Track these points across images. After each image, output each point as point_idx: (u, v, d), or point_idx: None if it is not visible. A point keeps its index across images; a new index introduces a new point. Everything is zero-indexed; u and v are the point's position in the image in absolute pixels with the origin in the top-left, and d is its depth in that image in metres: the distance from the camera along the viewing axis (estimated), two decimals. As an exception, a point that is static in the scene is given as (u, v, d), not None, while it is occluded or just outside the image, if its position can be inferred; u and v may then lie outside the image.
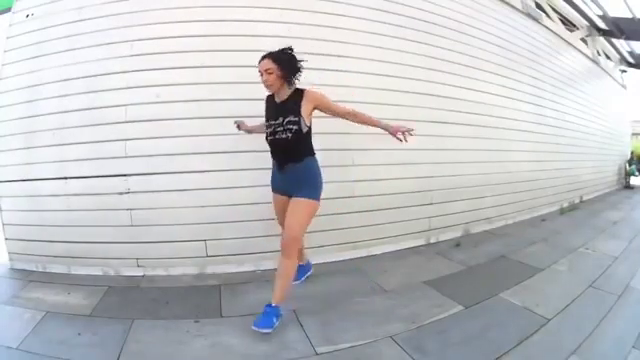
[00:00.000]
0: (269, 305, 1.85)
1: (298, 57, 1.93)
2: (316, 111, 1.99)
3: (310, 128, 1.96)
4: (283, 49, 1.94)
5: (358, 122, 2.05)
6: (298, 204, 1.91)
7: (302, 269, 2.39)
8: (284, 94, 1.95)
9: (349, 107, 2.04)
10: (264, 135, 2.06)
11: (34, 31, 2.82)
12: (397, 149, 3.21)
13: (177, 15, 2.66)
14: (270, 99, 2.04)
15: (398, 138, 2.00)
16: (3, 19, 3.08)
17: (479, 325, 1.90)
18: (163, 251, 2.64)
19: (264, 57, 1.92)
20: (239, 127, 2.40)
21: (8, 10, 2.99)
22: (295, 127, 1.89)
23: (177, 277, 2.58)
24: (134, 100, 2.62)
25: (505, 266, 2.84)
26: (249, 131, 2.40)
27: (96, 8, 2.71)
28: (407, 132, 2.00)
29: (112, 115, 2.62)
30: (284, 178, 2.01)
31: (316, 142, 2.96)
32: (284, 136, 1.91)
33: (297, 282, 2.28)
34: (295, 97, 1.93)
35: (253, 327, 1.79)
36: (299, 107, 1.90)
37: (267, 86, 1.94)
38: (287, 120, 1.90)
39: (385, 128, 2.02)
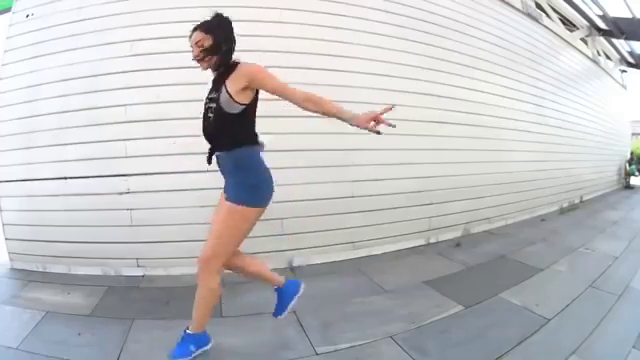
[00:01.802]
0: (185, 331, 1.61)
1: (233, 24, 1.60)
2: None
3: (246, 110, 1.52)
4: (214, 16, 1.61)
5: (320, 112, 1.53)
6: (224, 210, 1.54)
7: (283, 294, 1.79)
8: (217, 68, 1.60)
9: (303, 91, 1.52)
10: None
11: (34, 31, 2.82)
12: (397, 149, 3.26)
13: (177, 15, 2.66)
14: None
15: (373, 131, 1.55)
16: (3, 19, 3.09)
17: (479, 325, 1.89)
18: (163, 251, 2.64)
19: (194, 28, 1.59)
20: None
21: (8, 10, 2.99)
22: (213, 105, 1.53)
23: (177, 277, 2.58)
24: (134, 100, 2.62)
25: (505, 266, 2.84)
26: None
27: (96, 8, 2.71)
28: (382, 122, 1.54)
29: (112, 115, 2.62)
30: (224, 175, 1.62)
31: (315, 142, 2.96)
32: (208, 115, 1.58)
33: (280, 316, 1.78)
34: (226, 71, 1.56)
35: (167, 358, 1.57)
36: (223, 81, 1.52)
37: (198, 62, 1.57)
38: (209, 97, 1.59)
39: (350, 120, 1.54)
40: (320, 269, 2.68)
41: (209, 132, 1.60)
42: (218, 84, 1.55)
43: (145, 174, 2.62)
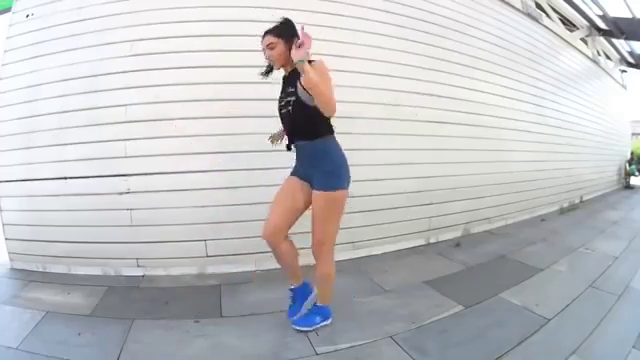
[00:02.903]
0: (315, 304, 1.87)
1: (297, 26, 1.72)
2: None
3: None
4: (282, 22, 1.78)
5: (317, 94, 1.55)
6: (317, 200, 1.71)
7: (300, 293, 1.93)
8: (289, 67, 1.78)
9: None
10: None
11: (34, 31, 2.82)
12: (397, 149, 3.26)
13: (177, 15, 2.66)
14: (284, 78, 1.86)
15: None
16: (3, 19, 3.08)
17: (479, 325, 1.89)
18: (163, 251, 2.64)
19: (265, 33, 1.77)
20: (273, 140, 2.06)
21: (8, 10, 2.99)
22: (292, 99, 1.68)
23: (177, 277, 2.58)
24: (134, 100, 2.61)
25: (505, 266, 2.84)
26: (282, 137, 2.01)
27: (96, 8, 2.71)
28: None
29: (112, 115, 2.62)
30: (302, 162, 1.81)
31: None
32: (285, 111, 1.74)
33: (299, 322, 1.86)
34: (296, 71, 1.64)
35: (292, 325, 1.83)
36: (298, 77, 1.60)
37: (271, 61, 1.78)
38: (287, 91, 1.73)
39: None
40: (320, 269, 2.67)
41: (290, 124, 1.76)
42: (292, 80, 1.70)
43: (145, 174, 2.62)
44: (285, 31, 1.74)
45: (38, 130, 2.74)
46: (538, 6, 5.22)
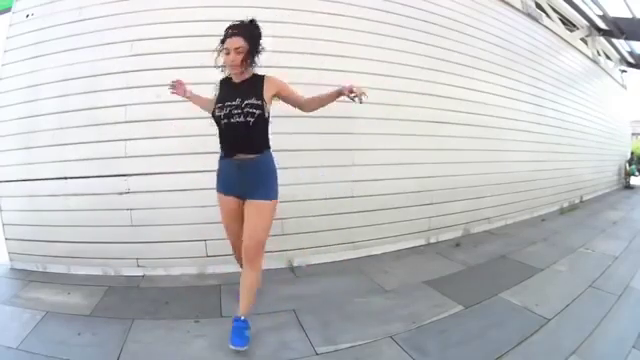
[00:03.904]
0: (238, 319, 1.69)
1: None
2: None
3: (269, 118, 1.73)
4: (251, 22, 1.71)
5: (321, 106, 1.81)
6: (263, 207, 1.70)
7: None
8: (245, 76, 1.72)
9: (307, 97, 1.78)
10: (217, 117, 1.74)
11: (34, 31, 2.81)
12: (397, 149, 3.26)
13: (177, 15, 2.66)
14: (226, 82, 1.79)
15: (352, 98, 1.66)
16: (3, 19, 3.08)
17: (479, 325, 1.90)
18: (163, 251, 2.64)
19: (234, 32, 1.65)
20: (174, 88, 1.98)
21: (8, 10, 2.99)
22: (258, 111, 1.64)
23: (177, 277, 2.58)
24: (134, 100, 2.61)
25: (505, 266, 2.84)
26: (188, 98, 2.01)
27: (96, 8, 2.71)
28: (360, 94, 1.65)
29: (112, 115, 2.62)
30: (240, 176, 1.72)
31: (315, 142, 2.97)
32: (241, 120, 1.64)
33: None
34: (256, 80, 1.72)
35: (231, 346, 1.62)
36: (261, 90, 1.67)
37: (232, 66, 1.67)
38: (247, 102, 1.65)
39: (339, 93, 1.70)
40: (320, 269, 2.68)
41: (243, 136, 1.68)
42: (250, 89, 1.69)
43: (145, 174, 2.62)
44: (253, 36, 1.69)
45: (38, 130, 2.73)
46: (538, 6, 5.22)
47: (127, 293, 2.34)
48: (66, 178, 2.68)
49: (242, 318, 1.71)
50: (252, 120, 1.64)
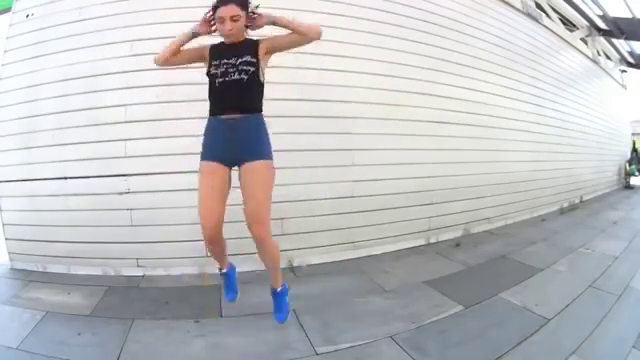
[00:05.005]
0: (275, 291, 1.75)
1: None
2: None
3: (264, 83, 1.66)
4: None
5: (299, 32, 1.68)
6: (260, 170, 1.58)
7: (232, 273, 1.95)
8: (239, 39, 1.65)
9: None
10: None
11: (34, 31, 2.82)
12: (397, 149, 3.26)
13: (177, 15, 2.66)
14: (219, 45, 1.69)
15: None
16: (3, 19, 3.08)
17: (479, 325, 1.89)
18: (163, 251, 2.64)
19: (228, 1, 1.55)
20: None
21: (8, 10, 2.99)
22: (252, 69, 1.58)
23: (177, 277, 2.58)
24: (134, 100, 2.62)
25: (505, 266, 2.84)
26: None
27: (96, 8, 2.71)
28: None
29: (112, 115, 2.62)
30: (232, 137, 1.60)
31: (315, 141, 2.96)
32: (236, 77, 1.58)
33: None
34: (250, 41, 1.65)
35: (279, 323, 1.75)
36: (256, 48, 1.62)
37: (228, 35, 1.59)
38: (242, 60, 1.59)
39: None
40: (320, 269, 2.68)
41: (236, 94, 1.60)
42: (244, 49, 1.61)
43: (145, 174, 2.62)
44: (245, 1, 1.60)
45: (38, 130, 2.74)
46: (538, 6, 5.22)
47: (127, 293, 2.35)
48: (66, 178, 2.68)
49: (278, 289, 1.75)
50: (246, 77, 1.58)
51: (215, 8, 1.59)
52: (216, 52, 1.67)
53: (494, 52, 4.13)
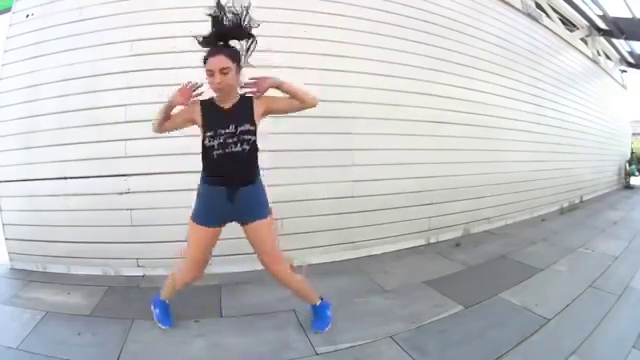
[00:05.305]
0: (314, 306, 1.85)
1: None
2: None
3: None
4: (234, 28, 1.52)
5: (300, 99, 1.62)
6: (264, 228, 1.63)
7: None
8: (232, 98, 1.56)
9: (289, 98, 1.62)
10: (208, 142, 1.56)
11: (34, 31, 2.81)
12: (397, 149, 3.26)
13: (177, 15, 2.66)
14: (210, 105, 1.58)
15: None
16: (3, 19, 3.08)
17: (479, 325, 1.90)
18: (163, 251, 2.63)
19: (217, 51, 1.46)
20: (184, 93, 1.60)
21: (8, 10, 2.99)
22: (252, 138, 1.54)
23: (177, 277, 2.58)
24: (134, 100, 2.61)
25: (505, 266, 2.84)
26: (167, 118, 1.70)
27: (96, 8, 2.71)
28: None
29: (112, 115, 2.62)
30: (232, 208, 1.59)
31: (315, 141, 2.96)
32: (238, 149, 1.51)
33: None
34: (245, 102, 1.57)
35: (315, 330, 1.81)
36: (252, 113, 1.55)
37: (218, 89, 1.49)
38: (242, 129, 1.52)
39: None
40: (320, 269, 2.67)
41: (241, 167, 1.57)
42: (241, 115, 1.55)
43: (145, 174, 2.62)
44: (237, 53, 1.51)
45: (38, 130, 2.73)
46: (538, 6, 5.22)
47: (127, 293, 2.35)
48: (66, 178, 2.68)
49: (317, 304, 1.84)
50: (248, 148, 1.53)
51: (205, 59, 1.50)
52: (210, 118, 1.56)
53: (494, 52, 4.12)
